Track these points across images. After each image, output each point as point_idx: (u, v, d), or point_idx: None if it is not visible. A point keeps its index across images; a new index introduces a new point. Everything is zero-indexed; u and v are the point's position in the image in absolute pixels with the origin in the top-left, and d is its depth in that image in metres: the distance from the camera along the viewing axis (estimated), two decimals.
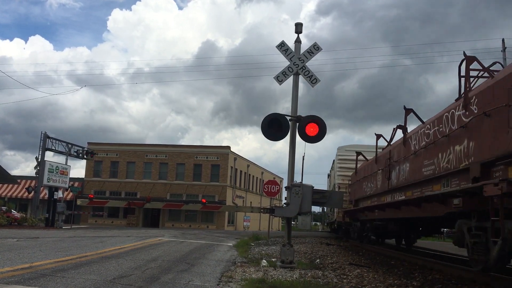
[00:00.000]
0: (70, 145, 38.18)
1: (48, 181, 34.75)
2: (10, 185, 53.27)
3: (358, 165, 20.09)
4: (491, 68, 8.79)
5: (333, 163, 28.73)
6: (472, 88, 8.63)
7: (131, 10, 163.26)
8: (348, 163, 22.69)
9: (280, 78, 11.54)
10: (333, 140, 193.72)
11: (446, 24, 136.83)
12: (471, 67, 8.72)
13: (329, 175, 34.43)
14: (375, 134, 16.33)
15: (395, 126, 13.82)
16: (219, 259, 11.62)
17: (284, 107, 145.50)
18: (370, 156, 18.51)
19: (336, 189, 22.31)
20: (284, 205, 11.21)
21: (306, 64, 11.57)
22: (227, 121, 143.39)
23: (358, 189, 19.37)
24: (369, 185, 16.76)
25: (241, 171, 59.82)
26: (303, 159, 16.82)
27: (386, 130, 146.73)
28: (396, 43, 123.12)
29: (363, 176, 17.96)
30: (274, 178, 62.41)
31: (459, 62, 9.01)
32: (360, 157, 20.36)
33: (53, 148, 36.52)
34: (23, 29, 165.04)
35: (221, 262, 10.88)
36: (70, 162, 38.36)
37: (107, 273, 7.94)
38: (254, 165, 65.95)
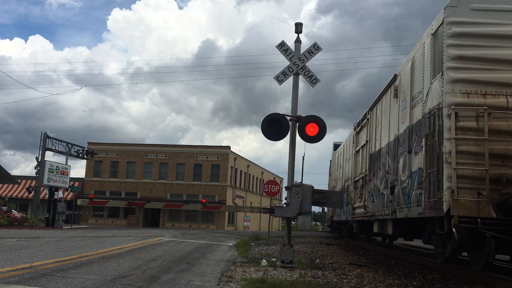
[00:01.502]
0: (70, 145, 38.20)
1: (48, 181, 34.76)
2: (10, 185, 53.29)
3: None
4: None
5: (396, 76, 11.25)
6: None
7: (131, 9, 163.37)
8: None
9: (280, 78, 11.54)
10: (333, 140, 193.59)
11: None
12: None
13: (359, 125, 16.19)
14: None
15: None
16: (219, 259, 11.63)
17: (284, 107, 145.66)
18: None
19: (448, 117, 7.29)
20: (284, 205, 11.22)
21: (306, 64, 11.58)
22: (227, 121, 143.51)
23: None
24: None
25: (241, 171, 59.82)
26: (303, 159, 16.59)
27: None
28: (397, 41, 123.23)
29: None
30: (274, 178, 62.44)
31: None
32: None
33: (53, 148, 36.57)
34: (23, 29, 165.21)
35: (221, 262, 10.89)
36: (70, 162, 38.46)
37: (107, 273, 7.95)
38: (254, 165, 65.94)
